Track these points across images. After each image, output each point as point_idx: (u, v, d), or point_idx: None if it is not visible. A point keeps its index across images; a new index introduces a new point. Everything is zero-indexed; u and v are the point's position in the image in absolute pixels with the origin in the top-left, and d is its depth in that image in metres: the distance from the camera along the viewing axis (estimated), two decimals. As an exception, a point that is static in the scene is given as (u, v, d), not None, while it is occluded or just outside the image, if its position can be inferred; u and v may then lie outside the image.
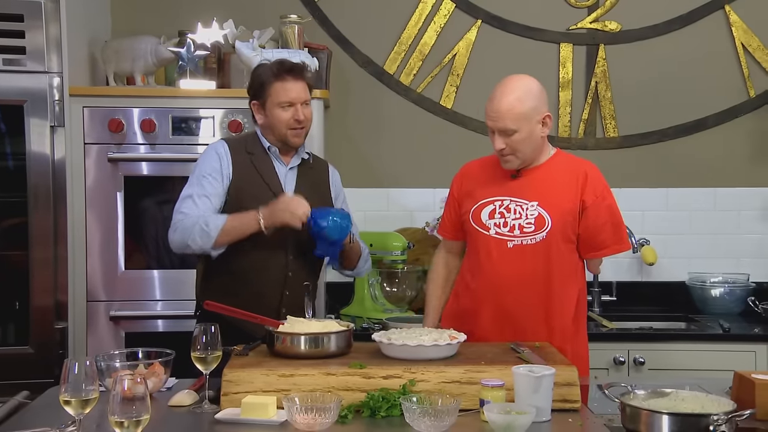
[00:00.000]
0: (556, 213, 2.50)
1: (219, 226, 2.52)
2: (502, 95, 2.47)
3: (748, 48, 3.75)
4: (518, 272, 2.51)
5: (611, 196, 2.57)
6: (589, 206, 2.52)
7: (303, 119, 2.63)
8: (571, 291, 2.55)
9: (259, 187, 2.63)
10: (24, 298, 3.07)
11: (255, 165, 2.66)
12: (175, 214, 2.59)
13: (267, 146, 2.69)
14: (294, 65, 2.66)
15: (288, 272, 2.64)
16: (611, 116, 3.79)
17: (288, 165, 2.71)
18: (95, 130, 3.16)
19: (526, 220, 2.51)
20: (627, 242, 2.61)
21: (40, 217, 3.07)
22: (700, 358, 3.16)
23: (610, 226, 2.55)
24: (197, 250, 2.56)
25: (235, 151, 2.66)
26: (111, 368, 2.15)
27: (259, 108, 2.67)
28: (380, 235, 3.48)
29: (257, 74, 2.67)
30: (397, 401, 1.94)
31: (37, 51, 3.05)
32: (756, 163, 3.79)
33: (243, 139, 2.75)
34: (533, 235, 2.50)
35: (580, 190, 2.52)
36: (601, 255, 2.60)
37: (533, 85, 2.51)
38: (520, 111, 2.45)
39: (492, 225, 2.55)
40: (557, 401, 1.98)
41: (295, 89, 2.62)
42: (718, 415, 1.77)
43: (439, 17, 3.78)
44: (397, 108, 3.80)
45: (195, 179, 2.62)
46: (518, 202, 2.54)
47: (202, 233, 2.51)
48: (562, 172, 2.56)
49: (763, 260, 3.77)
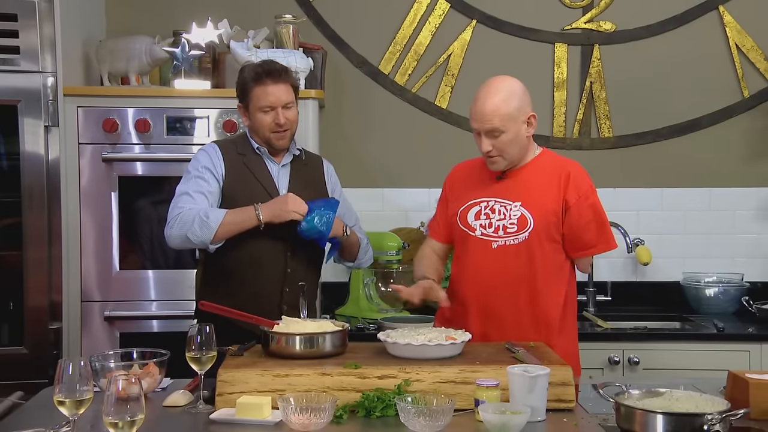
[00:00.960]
0: (538, 213, 2.51)
1: (219, 219, 2.51)
2: (487, 97, 2.48)
3: (742, 48, 3.76)
4: (502, 272, 2.52)
5: (595, 196, 2.57)
6: (572, 206, 2.52)
7: (284, 122, 2.62)
8: (556, 291, 2.56)
9: (253, 187, 2.64)
10: (18, 299, 3.07)
11: (247, 165, 2.67)
12: (172, 209, 2.58)
13: (256, 147, 2.69)
14: (273, 68, 2.63)
15: (287, 269, 2.65)
16: (606, 116, 3.80)
17: (280, 163, 2.71)
18: (90, 130, 3.15)
19: (509, 220, 2.53)
20: (613, 241, 2.60)
21: (34, 217, 3.06)
22: (694, 357, 3.17)
23: (594, 225, 2.54)
24: (197, 242, 2.54)
25: (226, 153, 2.66)
26: (105, 368, 2.15)
27: (244, 111, 2.68)
28: (375, 235, 3.47)
29: (241, 77, 2.67)
30: (392, 401, 1.94)
31: (31, 50, 3.04)
32: (750, 163, 3.80)
33: (233, 141, 2.75)
34: (516, 236, 2.52)
35: (563, 189, 2.53)
36: (587, 254, 2.61)
37: (516, 85, 2.52)
38: (506, 111, 2.46)
39: (478, 226, 2.56)
40: (552, 401, 1.99)
41: (275, 93, 2.60)
42: (712, 414, 1.78)
43: (434, 17, 3.78)
44: (392, 108, 3.81)
45: (190, 178, 2.62)
46: (502, 202, 2.55)
47: (202, 225, 2.50)
48: (546, 172, 2.57)
49: (758, 260, 3.78)
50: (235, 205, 2.58)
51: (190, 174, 2.63)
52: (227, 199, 2.62)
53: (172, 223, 2.55)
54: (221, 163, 2.64)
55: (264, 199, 2.58)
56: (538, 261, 2.52)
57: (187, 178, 2.63)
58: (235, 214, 2.54)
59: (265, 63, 2.68)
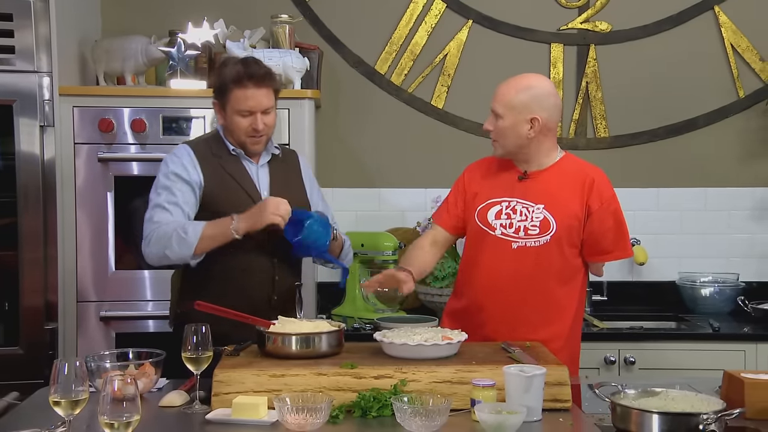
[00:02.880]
0: (561, 217, 2.52)
1: (198, 232, 2.40)
2: (508, 80, 2.56)
3: (737, 48, 3.77)
4: (520, 273, 2.52)
5: (617, 203, 2.59)
6: (595, 212, 2.53)
7: (261, 128, 2.49)
8: (571, 294, 2.57)
9: (233, 190, 2.52)
10: (14, 299, 3.06)
11: (225, 168, 2.54)
12: (147, 224, 2.46)
13: (231, 148, 2.56)
14: (256, 71, 2.48)
15: (275, 276, 2.55)
16: (602, 116, 3.80)
17: (258, 163, 2.60)
18: (85, 130, 3.14)
19: (531, 222, 2.53)
20: (629, 249, 2.62)
21: (29, 217, 3.05)
22: (690, 357, 3.17)
23: (613, 232, 2.56)
24: (175, 259, 2.43)
25: (201, 157, 2.53)
26: (101, 369, 2.14)
27: (220, 109, 2.55)
28: (371, 235, 3.48)
29: (220, 74, 2.53)
30: (388, 401, 1.94)
31: (26, 50, 3.04)
32: (746, 163, 3.80)
33: (207, 141, 2.61)
34: (537, 238, 2.52)
35: (586, 195, 2.54)
36: (604, 260, 2.63)
37: (540, 86, 2.54)
38: (509, 99, 2.51)
39: (498, 225, 2.56)
40: (548, 401, 1.99)
41: (256, 97, 2.47)
42: (707, 414, 1.78)
43: (430, 17, 3.78)
44: (388, 108, 3.80)
45: (161, 187, 2.49)
46: (524, 204, 2.55)
47: (180, 241, 2.39)
48: (570, 177, 2.57)
49: (753, 260, 3.79)
50: (217, 210, 2.47)
51: (161, 183, 2.49)
52: (208, 206, 2.50)
53: (148, 239, 2.43)
54: (197, 169, 2.51)
55: (246, 203, 2.47)
56: (558, 264, 2.53)
57: (157, 187, 2.50)
58: (213, 227, 2.41)
59: (247, 64, 2.51)
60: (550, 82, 2.63)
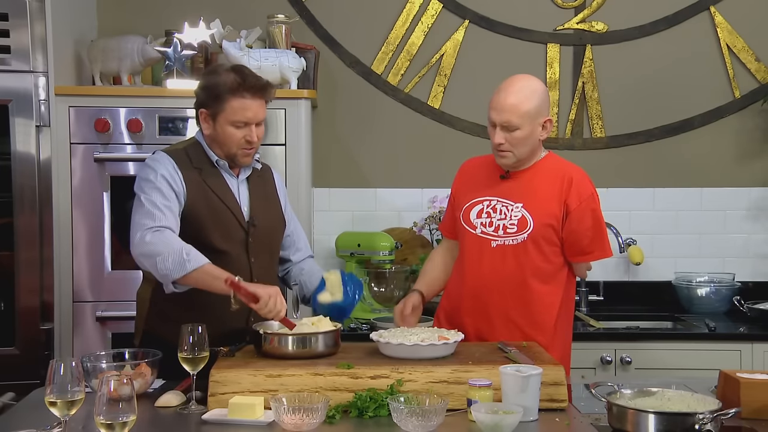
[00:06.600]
0: (538, 215, 2.52)
1: (198, 265, 2.22)
2: (511, 90, 2.49)
3: (733, 49, 3.78)
4: (499, 272, 2.53)
5: (596, 203, 2.57)
6: (573, 210, 2.52)
7: (255, 141, 2.41)
8: (553, 293, 2.56)
9: (215, 206, 2.41)
10: (9, 299, 3.05)
11: (206, 181, 2.41)
12: (143, 219, 2.30)
13: (215, 159, 2.45)
14: (256, 82, 2.40)
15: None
16: (598, 116, 3.81)
17: (239, 177, 2.50)
18: (81, 130, 3.14)
19: (509, 220, 2.53)
20: (608, 250, 2.61)
21: (25, 217, 3.05)
22: (686, 357, 3.17)
23: (592, 232, 2.55)
24: (157, 274, 2.26)
25: (183, 167, 2.40)
26: (97, 369, 2.14)
27: (208, 118, 2.42)
28: (368, 234, 3.48)
29: (213, 83, 2.40)
30: (384, 401, 1.94)
31: (22, 50, 3.03)
32: (742, 163, 3.81)
33: (185, 151, 2.46)
34: (515, 236, 2.52)
35: (565, 194, 2.53)
36: (585, 260, 2.62)
37: (540, 87, 2.54)
38: (526, 109, 2.47)
39: (479, 224, 2.57)
40: (544, 401, 1.99)
41: (253, 108, 2.38)
42: (703, 413, 1.78)
43: (427, 17, 3.78)
44: (384, 108, 3.80)
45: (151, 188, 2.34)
46: (504, 202, 2.56)
47: (178, 261, 2.21)
48: (549, 176, 2.57)
49: (749, 260, 3.79)
50: (197, 225, 2.36)
51: (150, 182, 2.35)
52: (187, 220, 2.37)
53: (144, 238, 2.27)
54: (180, 180, 2.38)
55: (227, 220, 2.40)
56: (536, 262, 2.52)
57: (146, 186, 2.35)
58: (213, 272, 2.23)
59: (244, 74, 2.41)
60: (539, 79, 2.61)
